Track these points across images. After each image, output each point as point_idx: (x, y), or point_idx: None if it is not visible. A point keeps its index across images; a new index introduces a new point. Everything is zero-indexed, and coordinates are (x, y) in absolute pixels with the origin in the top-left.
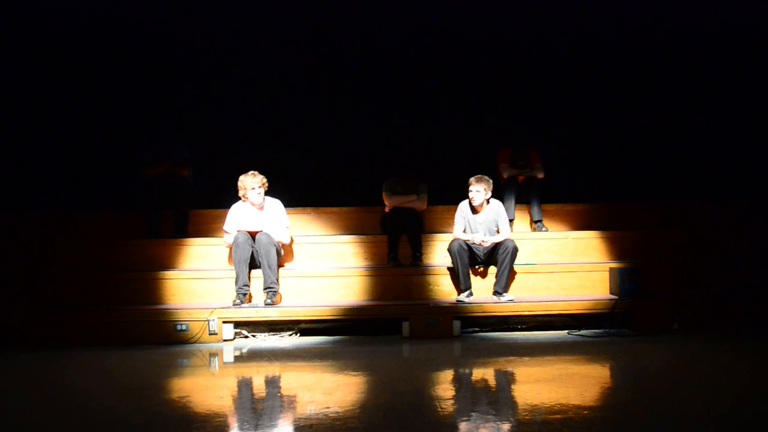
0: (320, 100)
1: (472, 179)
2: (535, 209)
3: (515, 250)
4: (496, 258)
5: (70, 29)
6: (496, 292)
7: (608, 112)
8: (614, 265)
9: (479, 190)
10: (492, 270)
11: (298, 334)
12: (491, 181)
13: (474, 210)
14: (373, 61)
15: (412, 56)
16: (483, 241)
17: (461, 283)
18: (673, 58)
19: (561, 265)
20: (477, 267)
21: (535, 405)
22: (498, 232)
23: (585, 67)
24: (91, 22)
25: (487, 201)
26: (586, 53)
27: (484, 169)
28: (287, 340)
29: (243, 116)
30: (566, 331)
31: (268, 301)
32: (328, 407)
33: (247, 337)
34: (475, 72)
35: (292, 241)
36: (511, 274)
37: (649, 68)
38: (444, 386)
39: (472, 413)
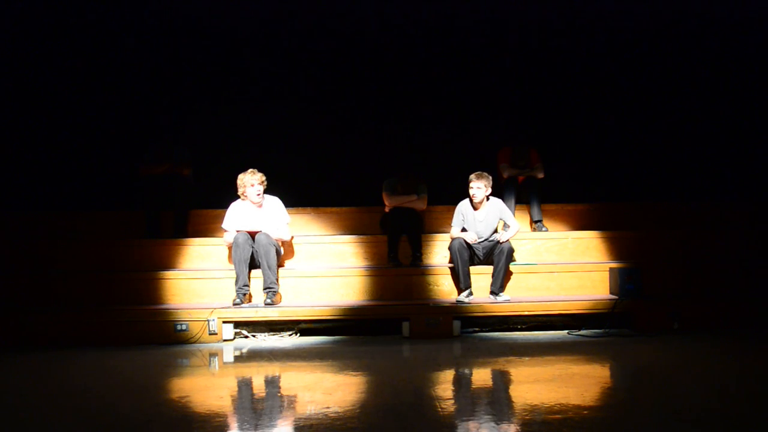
0: (320, 99)
1: (472, 176)
2: (535, 209)
3: (510, 251)
4: (493, 258)
5: (71, 28)
6: (492, 292)
7: (609, 112)
8: (614, 265)
9: (480, 186)
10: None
11: (298, 334)
12: (491, 177)
13: (474, 207)
14: (372, 60)
15: (412, 56)
16: (475, 240)
17: (461, 283)
18: (673, 58)
19: (561, 265)
20: (477, 266)
21: (535, 405)
22: (505, 227)
23: (585, 67)
24: (92, 22)
25: (487, 198)
26: (586, 53)
27: (484, 169)
28: (287, 340)
29: (243, 116)
30: (566, 331)
31: (268, 300)
32: (328, 407)
33: (247, 337)
34: (476, 72)
35: (292, 238)
36: (507, 274)
37: (649, 68)
38: (444, 386)
39: (472, 413)
